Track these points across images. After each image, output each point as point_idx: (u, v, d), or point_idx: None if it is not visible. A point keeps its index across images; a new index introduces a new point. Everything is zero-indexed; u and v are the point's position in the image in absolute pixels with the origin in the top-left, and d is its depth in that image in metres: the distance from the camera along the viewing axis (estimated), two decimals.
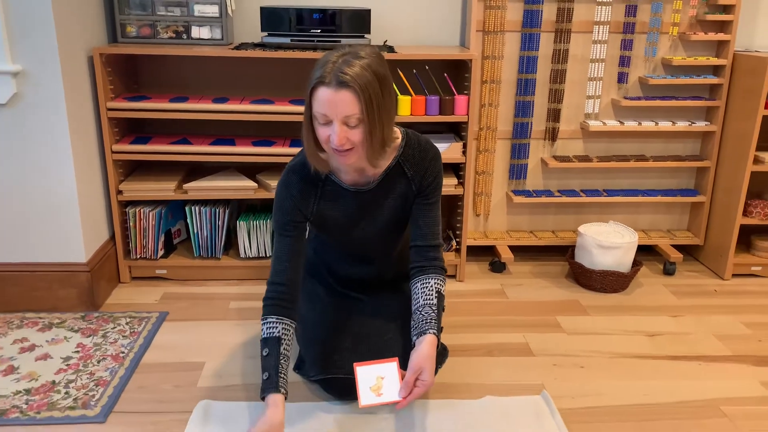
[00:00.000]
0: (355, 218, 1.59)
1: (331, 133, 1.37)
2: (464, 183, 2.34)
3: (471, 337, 2.02)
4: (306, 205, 1.55)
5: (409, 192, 1.59)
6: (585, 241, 2.39)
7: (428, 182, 1.58)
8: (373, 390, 1.42)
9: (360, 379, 1.43)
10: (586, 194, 2.55)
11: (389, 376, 1.43)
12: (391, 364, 1.45)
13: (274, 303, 1.51)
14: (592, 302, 2.29)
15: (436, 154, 1.59)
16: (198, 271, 2.38)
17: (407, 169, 1.57)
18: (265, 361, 1.46)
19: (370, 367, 1.44)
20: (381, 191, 1.57)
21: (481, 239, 2.58)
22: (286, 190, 1.54)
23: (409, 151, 1.56)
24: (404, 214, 1.62)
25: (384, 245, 1.69)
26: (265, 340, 1.47)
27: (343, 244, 1.67)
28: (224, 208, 2.34)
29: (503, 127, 2.51)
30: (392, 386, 1.42)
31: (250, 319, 2.10)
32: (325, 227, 1.60)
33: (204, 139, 2.34)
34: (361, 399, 1.40)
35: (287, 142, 2.34)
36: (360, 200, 1.56)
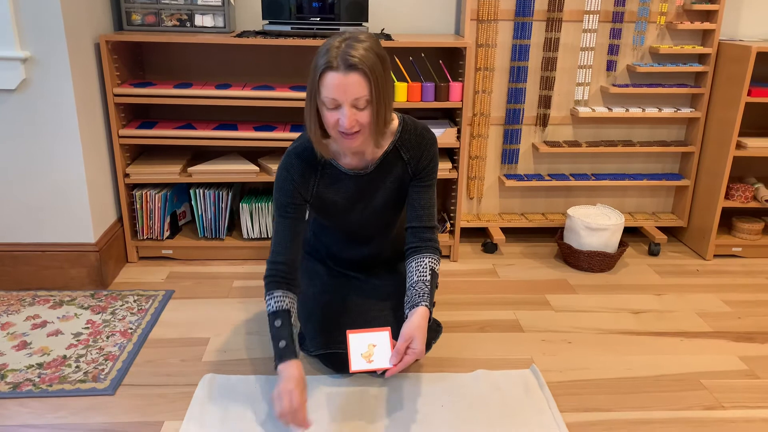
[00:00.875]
0: (354, 201, 1.58)
1: (340, 117, 1.36)
2: (458, 167, 2.33)
3: (464, 314, 2.03)
4: (306, 188, 1.54)
5: (405, 175, 1.58)
6: (573, 223, 2.39)
7: (424, 165, 1.58)
8: (364, 356, 1.42)
9: (352, 345, 1.43)
10: (575, 178, 2.55)
11: (381, 344, 1.43)
12: (383, 333, 1.45)
13: (276, 279, 1.50)
14: (580, 281, 2.30)
15: (433, 138, 1.59)
16: (202, 252, 2.39)
17: (404, 153, 1.56)
18: (279, 331, 1.45)
19: (363, 335, 1.44)
20: (378, 175, 1.57)
21: (474, 221, 2.58)
22: (286, 173, 1.53)
23: (405, 136, 1.56)
24: (401, 196, 1.62)
25: (381, 227, 1.69)
26: (275, 313, 1.46)
27: (341, 226, 1.67)
28: (227, 191, 2.34)
29: (496, 113, 2.50)
30: (383, 354, 1.42)
31: (252, 297, 2.11)
32: (324, 210, 1.60)
33: (207, 124, 2.33)
34: (352, 364, 1.41)
35: (288, 127, 2.33)
36: (358, 184, 1.56)
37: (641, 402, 1.61)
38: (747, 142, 2.39)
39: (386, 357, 1.43)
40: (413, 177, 1.59)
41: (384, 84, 1.38)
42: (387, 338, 1.45)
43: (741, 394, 1.65)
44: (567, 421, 1.52)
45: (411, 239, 1.60)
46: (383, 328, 1.46)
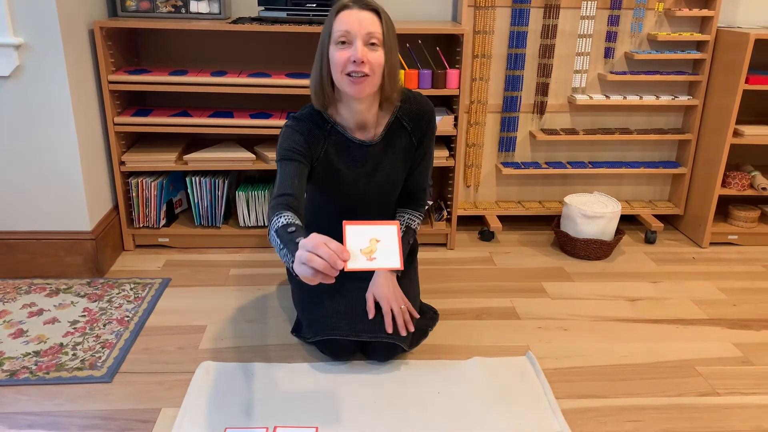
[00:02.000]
0: (359, 171, 1.58)
1: (351, 52, 1.36)
2: (455, 155, 2.33)
3: (461, 301, 2.04)
4: (315, 146, 1.50)
5: (410, 145, 1.59)
6: (570, 210, 2.39)
7: (427, 134, 1.60)
8: (364, 252, 1.15)
9: (349, 239, 1.16)
10: (572, 166, 2.55)
11: (387, 239, 1.17)
12: (390, 227, 1.19)
13: (285, 205, 1.35)
14: (577, 269, 2.30)
15: (431, 106, 1.61)
16: (199, 240, 2.38)
17: (406, 123, 1.57)
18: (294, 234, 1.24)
19: (364, 228, 1.17)
20: (385, 146, 1.57)
21: (471, 209, 2.58)
22: (292, 130, 1.48)
23: (406, 106, 1.57)
24: (405, 169, 1.63)
25: (382, 204, 1.69)
26: (287, 225, 1.27)
27: (341, 200, 1.66)
28: (223, 179, 2.33)
29: (493, 101, 2.49)
30: (390, 252, 1.16)
31: (249, 285, 2.11)
32: (327, 179, 1.57)
33: (203, 111, 2.32)
34: (348, 262, 1.13)
35: (284, 114, 2.32)
36: (365, 153, 1.55)
37: (636, 388, 1.62)
38: (744, 130, 2.38)
39: (394, 255, 1.15)
40: (417, 146, 1.60)
41: (394, 36, 1.42)
42: (395, 234, 1.18)
43: (736, 381, 1.66)
44: (563, 408, 1.53)
45: (400, 200, 1.68)
46: (390, 222, 1.20)
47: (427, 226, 2.44)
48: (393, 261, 1.16)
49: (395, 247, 1.17)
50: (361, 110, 1.49)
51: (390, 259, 1.16)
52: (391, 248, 1.17)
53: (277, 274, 2.19)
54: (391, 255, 1.16)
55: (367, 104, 1.48)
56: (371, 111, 1.51)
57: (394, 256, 1.16)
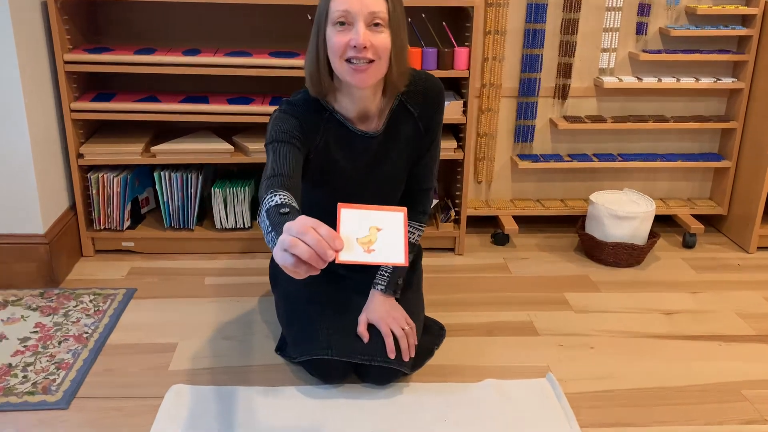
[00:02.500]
0: (359, 166, 1.58)
1: (352, 35, 1.34)
2: (464, 146, 2.33)
3: (470, 315, 2.04)
4: (312, 134, 1.49)
5: (417, 134, 1.59)
6: (597, 210, 2.39)
7: (435, 118, 1.59)
8: (361, 242, 1.08)
9: (344, 224, 1.09)
10: (599, 159, 2.55)
11: (390, 229, 1.09)
12: (396, 214, 1.12)
13: (280, 185, 1.32)
14: (604, 277, 2.30)
15: (440, 86, 1.59)
16: (169, 244, 2.38)
17: (412, 107, 1.56)
18: (286, 217, 1.19)
19: (363, 212, 1.10)
20: (389, 136, 1.56)
21: (483, 209, 2.58)
22: (287, 115, 1.47)
23: (411, 87, 1.55)
24: (409, 162, 1.63)
25: (383, 201, 1.68)
26: (280, 205, 1.23)
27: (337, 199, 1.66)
28: (197, 174, 2.33)
29: (508, 84, 2.50)
30: (393, 244, 1.08)
31: (227, 296, 2.11)
32: (323, 173, 1.56)
33: (174, 96, 2.32)
34: (341, 253, 1.05)
35: (267, 99, 2.32)
36: (367, 146, 1.55)
37: (672, 415, 1.62)
38: None
39: (398, 248, 1.08)
40: (425, 134, 1.59)
41: (402, 13, 1.39)
42: (401, 222, 1.11)
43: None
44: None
45: (402, 200, 1.66)
46: (396, 208, 1.13)
47: (432, 228, 2.44)
48: (396, 255, 1.08)
49: (400, 239, 1.09)
50: (363, 99, 1.48)
51: (393, 252, 1.08)
52: (394, 239, 1.09)
53: (260, 283, 2.19)
54: (395, 248, 1.08)
55: (371, 92, 1.47)
56: (374, 99, 1.50)
57: (398, 249, 1.08)
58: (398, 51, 1.40)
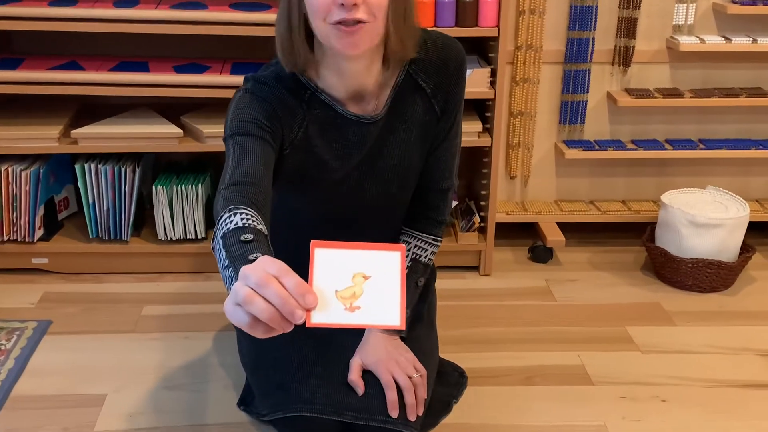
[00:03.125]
0: (352, 167, 1.57)
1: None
2: (492, 129, 2.32)
3: (502, 357, 2.03)
4: (289, 123, 1.49)
5: (431, 116, 1.59)
6: (671, 215, 2.39)
7: (456, 97, 1.60)
8: (342, 298, 1.04)
9: (319, 270, 1.05)
10: (674, 146, 2.54)
11: (382, 276, 1.06)
12: (390, 255, 1.07)
13: (244, 198, 1.31)
14: (680, 306, 2.30)
15: (462, 52, 1.59)
16: (95, 261, 2.37)
17: (423, 81, 1.56)
18: (248, 246, 1.18)
19: (345, 254, 1.06)
20: (391, 123, 1.56)
21: (518, 213, 2.57)
22: (254, 96, 1.47)
23: (421, 54, 1.55)
24: (422, 155, 1.63)
25: (386, 209, 1.68)
26: (243, 228, 1.22)
27: (322, 209, 1.64)
28: (133, 167, 2.32)
29: (551, 46, 2.49)
30: (387, 298, 1.04)
31: (172, 331, 2.10)
32: (303, 174, 1.56)
33: (102, 62, 2.31)
34: (313, 314, 1.01)
35: (227, 66, 2.32)
36: (362, 137, 1.54)
37: None
38: None
39: (392, 305, 1.04)
40: (441, 117, 1.60)
41: None
42: (397, 266, 1.06)
43: None
44: None
45: (411, 204, 1.67)
46: (390, 246, 1.09)
47: (449, 239, 2.43)
48: (389, 314, 1.03)
49: (395, 291, 1.04)
50: (355, 73, 1.47)
51: (385, 310, 1.03)
52: (388, 292, 1.05)
53: (217, 313, 2.18)
54: (388, 304, 1.04)
55: (365, 63, 1.46)
56: (371, 72, 1.49)
57: (392, 305, 1.04)
58: (399, 7, 1.40)
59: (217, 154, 2.37)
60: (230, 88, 2.23)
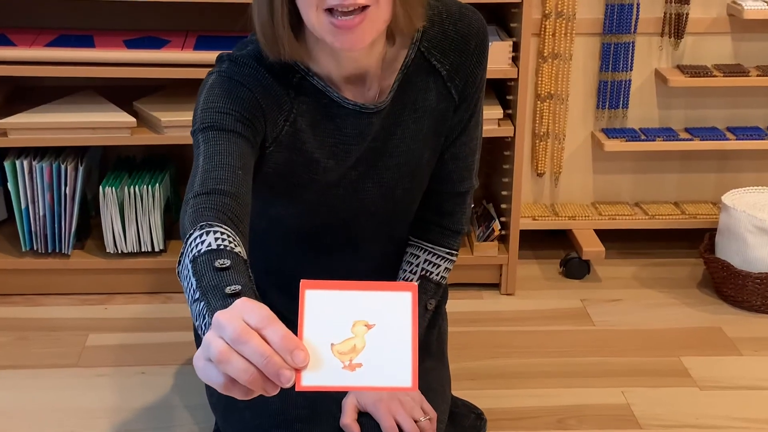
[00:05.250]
0: (349, 168, 1.58)
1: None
2: (515, 116, 2.33)
3: (528, 395, 2.03)
4: (272, 113, 1.50)
5: (446, 104, 1.60)
6: (734, 220, 2.39)
7: (477, 80, 1.60)
8: (340, 353, 1.03)
9: (310, 319, 1.04)
10: (737, 135, 2.55)
11: (391, 324, 1.05)
12: (401, 297, 1.06)
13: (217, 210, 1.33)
14: (747, 331, 2.30)
15: (483, 24, 1.60)
16: (29, 279, 2.39)
17: (438, 61, 1.57)
18: (223, 275, 1.19)
19: (344, 297, 1.06)
20: (398, 113, 1.57)
21: (547, 219, 2.58)
22: (231, 81, 1.48)
23: (435, 29, 1.56)
24: (436, 150, 1.64)
25: (389, 221, 1.69)
26: (217, 250, 1.24)
27: (314, 216, 1.65)
28: (75, 164, 2.32)
29: (587, 14, 2.50)
30: (395, 353, 1.04)
31: (125, 365, 2.10)
32: (290, 176, 1.57)
33: (37, 36, 2.31)
34: (304, 377, 1.01)
35: (190, 40, 2.32)
36: (362, 130, 1.54)
37: None
38: None
39: (402, 360, 1.03)
40: (459, 104, 1.61)
41: None
42: (407, 310, 1.06)
43: None
44: None
45: (421, 211, 1.69)
46: (401, 284, 1.10)
47: (463, 250, 2.41)
48: (398, 374, 1.02)
49: (406, 343, 1.03)
50: (355, 57, 1.48)
51: (392, 368, 1.02)
52: (396, 345, 1.03)
53: (180, 343, 2.18)
54: (396, 360, 1.03)
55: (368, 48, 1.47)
56: (372, 52, 1.49)
57: (402, 362, 1.03)
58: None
59: (178, 147, 2.39)
60: (194, 66, 2.24)
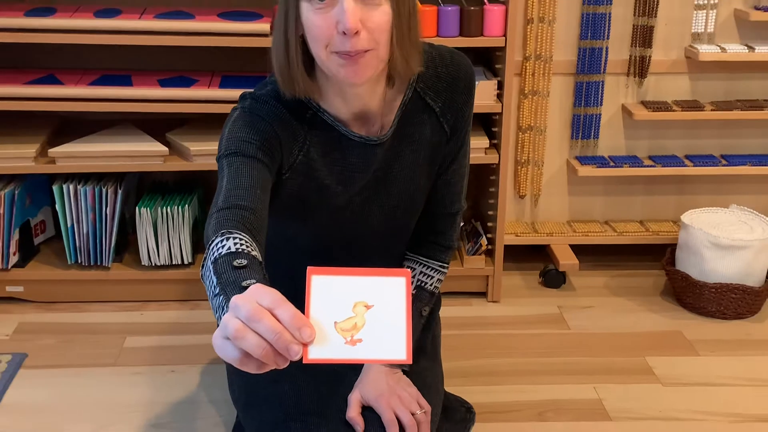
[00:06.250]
0: (355, 192, 1.59)
1: (337, 14, 1.33)
2: (499, 145, 2.34)
3: (512, 391, 2.03)
4: (289, 145, 1.51)
5: (439, 137, 1.61)
6: (692, 237, 2.39)
7: (465, 116, 1.62)
8: (342, 330, 1.04)
9: (316, 300, 1.05)
10: (694, 162, 2.55)
11: (388, 305, 1.05)
12: (394, 281, 1.06)
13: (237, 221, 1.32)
14: (704, 334, 2.30)
15: (468, 66, 1.61)
16: (73, 289, 2.38)
17: (432, 99, 1.58)
18: (241, 273, 1.19)
19: (346, 281, 1.06)
20: (398, 145, 1.58)
21: (528, 235, 2.59)
22: (253, 115, 1.49)
23: (430, 71, 1.57)
24: (430, 177, 1.65)
25: (390, 238, 1.70)
26: (236, 253, 1.23)
27: (323, 238, 1.65)
28: (115, 187, 2.33)
29: (562, 56, 2.51)
30: (391, 329, 1.04)
31: (157, 364, 2.10)
32: (303, 200, 1.58)
33: (82, 75, 2.32)
34: (311, 350, 1.01)
35: (216, 79, 2.33)
36: (366, 160, 1.55)
37: None
38: None
39: (397, 337, 1.03)
40: (451, 137, 1.62)
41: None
42: (402, 293, 1.06)
43: None
44: None
45: (417, 228, 1.68)
46: (394, 271, 1.08)
47: (454, 263, 2.43)
48: (394, 348, 1.02)
49: (401, 321, 1.03)
50: (359, 95, 1.47)
51: (389, 343, 1.02)
52: (392, 322, 1.03)
53: (205, 345, 2.18)
54: (392, 336, 1.03)
55: (369, 85, 1.46)
56: (375, 93, 1.49)
57: (398, 337, 1.03)
58: (403, 26, 1.40)
59: (205, 173, 2.39)
60: (219, 102, 2.25)
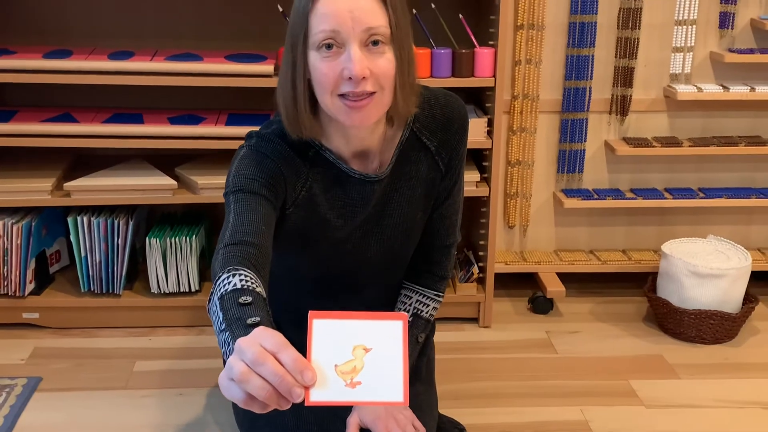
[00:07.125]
0: (356, 226, 1.58)
1: (344, 62, 1.34)
2: (490, 179, 2.33)
3: (502, 412, 2.01)
4: (292, 182, 1.51)
5: (435, 174, 1.60)
6: (672, 265, 2.38)
7: (459, 154, 1.61)
8: (342, 373, 1.05)
9: (317, 344, 1.06)
10: (674, 195, 2.55)
11: (386, 348, 1.07)
12: (391, 325, 1.08)
13: (243, 258, 1.32)
14: (684, 358, 2.28)
15: (462, 107, 1.61)
16: (86, 316, 2.37)
17: (428, 139, 1.58)
18: (246, 310, 1.19)
19: (345, 325, 1.07)
20: (395, 181, 1.57)
21: (517, 263, 2.57)
22: (258, 153, 1.49)
23: (426, 112, 1.57)
24: (426, 212, 1.64)
25: (388, 270, 1.69)
26: (242, 290, 1.23)
27: (324, 266, 1.64)
28: (126, 219, 2.32)
29: (548, 96, 2.51)
30: (389, 372, 1.06)
31: (166, 388, 2.09)
32: (305, 234, 1.57)
33: (96, 113, 2.32)
34: (312, 392, 1.03)
35: (222, 117, 2.32)
36: (365, 195, 1.55)
37: None
38: None
39: (395, 379, 1.05)
40: (445, 174, 1.62)
41: (405, 22, 1.40)
42: (399, 336, 1.08)
43: None
44: None
45: (414, 259, 1.69)
46: (392, 315, 1.10)
47: (447, 290, 2.39)
48: (392, 390, 1.04)
49: (398, 364, 1.05)
50: (361, 136, 1.49)
51: (387, 386, 1.04)
52: (390, 365, 1.06)
53: (212, 369, 2.17)
54: (390, 378, 1.05)
55: (371, 126, 1.48)
56: (375, 133, 1.50)
57: (395, 379, 1.05)
58: (404, 71, 1.40)
59: (211, 205, 2.39)
60: (225, 139, 2.25)
